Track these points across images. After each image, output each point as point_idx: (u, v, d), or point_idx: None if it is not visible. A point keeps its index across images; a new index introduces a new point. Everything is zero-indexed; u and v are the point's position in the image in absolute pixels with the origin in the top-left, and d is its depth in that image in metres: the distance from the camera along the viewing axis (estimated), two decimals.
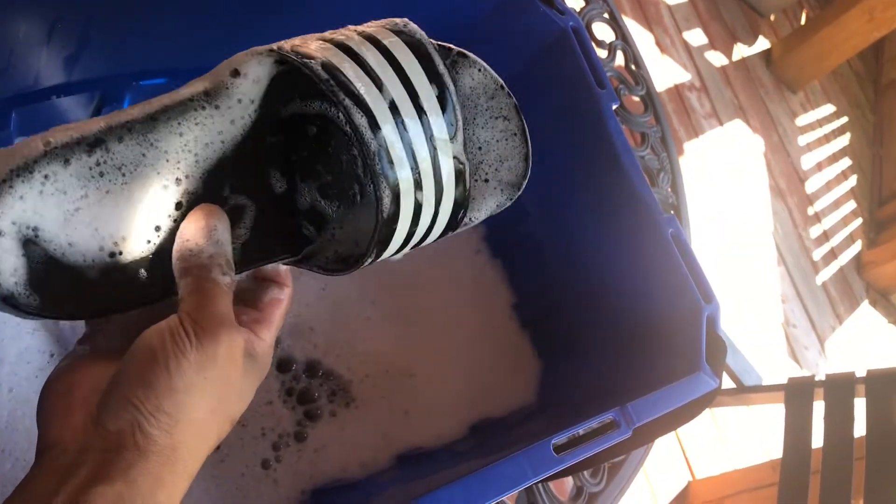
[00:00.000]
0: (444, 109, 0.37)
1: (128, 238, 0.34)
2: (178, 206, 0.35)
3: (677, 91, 2.17)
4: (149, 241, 0.35)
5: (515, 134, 0.42)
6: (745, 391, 1.27)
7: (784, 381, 1.20)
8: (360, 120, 0.33)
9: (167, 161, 0.35)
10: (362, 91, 0.33)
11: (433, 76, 0.36)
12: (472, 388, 0.66)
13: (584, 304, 0.67)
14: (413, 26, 0.38)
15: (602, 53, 0.93)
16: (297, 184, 0.40)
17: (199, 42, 0.54)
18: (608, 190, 0.62)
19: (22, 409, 0.51)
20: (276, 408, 0.58)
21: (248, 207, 0.38)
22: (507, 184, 0.42)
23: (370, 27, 0.37)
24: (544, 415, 0.63)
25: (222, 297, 0.34)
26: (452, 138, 0.37)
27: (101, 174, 0.33)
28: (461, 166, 0.38)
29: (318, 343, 0.61)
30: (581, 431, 0.48)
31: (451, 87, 0.37)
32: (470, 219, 0.42)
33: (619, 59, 0.94)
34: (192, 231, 0.35)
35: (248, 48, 0.37)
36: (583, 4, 0.93)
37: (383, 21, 0.38)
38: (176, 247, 0.35)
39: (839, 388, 1.13)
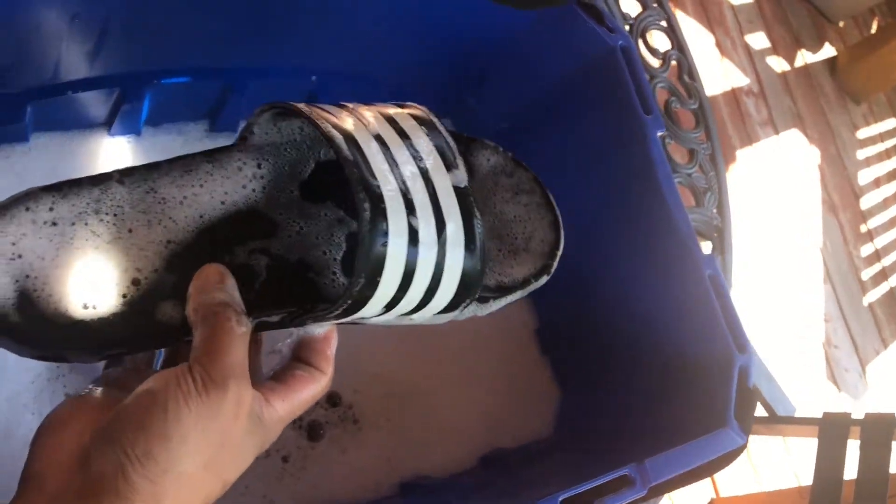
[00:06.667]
0: (432, 138, 0.36)
1: (103, 287, 0.34)
2: (169, 263, 0.35)
3: (734, 95, 2.10)
4: (124, 296, 0.34)
5: (540, 204, 0.42)
6: (778, 421, 1.23)
7: (819, 414, 1.16)
8: (346, 151, 0.32)
9: (163, 209, 0.35)
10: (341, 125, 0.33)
11: (423, 121, 0.37)
12: (485, 415, 0.63)
13: (610, 336, 0.64)
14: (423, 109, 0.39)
15: (655, 62, 0.89)
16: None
17: (221, 41, 0.52)
18: (645, 220, 0.59)
19: (17, 418, 0.50)
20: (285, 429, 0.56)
21: (255, 269, 0.37)
22: (537, 254, 0.41)
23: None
24: (558, 453, 0.60)
25: (236, 347, 0.33)
26: (449, 167, 0.36)
27: (97, 212, 0.33)
28: (465, 190, 0.36)
29: None
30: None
31: (443, 128, 0.37)
32: (497, 285, 0.40)
33: (673, 69, 0.90)
34: (203, 282, 0.35)
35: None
36: (639, 10, 0.89)
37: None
38: (190, 298, 0.34)
39: (876, 429, 1.08)
